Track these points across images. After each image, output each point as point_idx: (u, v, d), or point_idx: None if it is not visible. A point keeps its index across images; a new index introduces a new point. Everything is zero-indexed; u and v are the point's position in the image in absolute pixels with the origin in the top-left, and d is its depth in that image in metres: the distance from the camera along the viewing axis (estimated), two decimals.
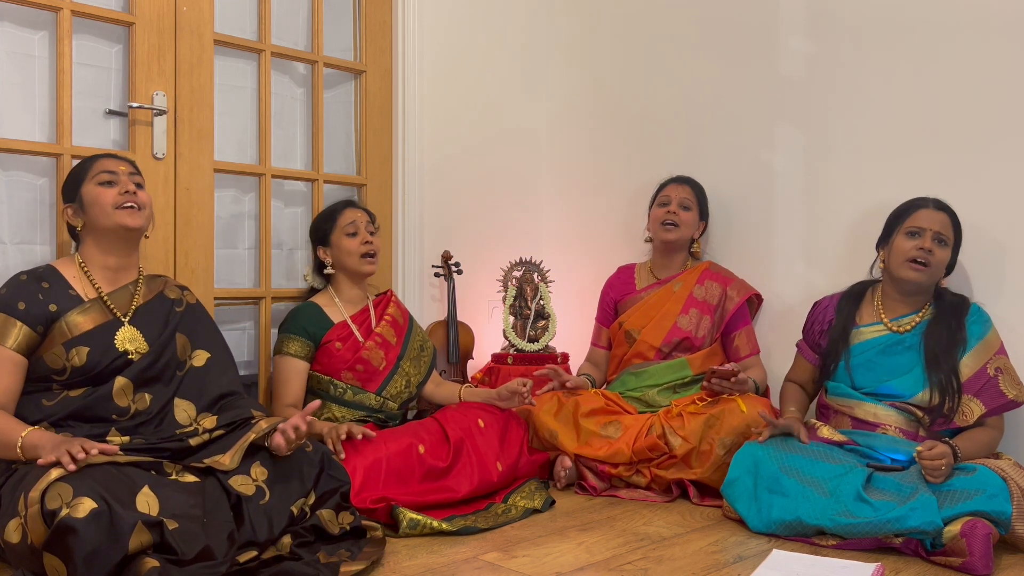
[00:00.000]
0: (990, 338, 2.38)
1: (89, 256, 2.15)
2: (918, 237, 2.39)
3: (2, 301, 2.01)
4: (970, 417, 2.31)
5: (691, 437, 2.57)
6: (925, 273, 2.38)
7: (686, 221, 2.95)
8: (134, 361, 2.09)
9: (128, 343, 2.10)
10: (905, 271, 2.40)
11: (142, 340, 2.12)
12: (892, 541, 2.09)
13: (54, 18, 2.47)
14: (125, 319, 2.13)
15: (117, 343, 2.08)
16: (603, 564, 2.03)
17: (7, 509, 1.76)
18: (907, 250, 2.39)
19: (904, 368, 2.40)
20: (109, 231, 2.13)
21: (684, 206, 2.96)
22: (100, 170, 2.13)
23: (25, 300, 2.01)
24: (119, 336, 2.09)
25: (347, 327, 2.70)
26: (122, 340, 2.09)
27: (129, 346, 2.10)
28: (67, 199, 2.18)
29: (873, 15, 2.81)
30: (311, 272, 2.86)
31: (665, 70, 3.35)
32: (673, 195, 2.97)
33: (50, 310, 2.03)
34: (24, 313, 2.00)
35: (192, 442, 2.02)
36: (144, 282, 2.21)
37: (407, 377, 2.76)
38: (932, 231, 2.38)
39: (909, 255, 2.38)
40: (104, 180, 2.12)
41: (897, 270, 2.42)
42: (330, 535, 2.00)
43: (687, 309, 2.91)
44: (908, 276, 2.40)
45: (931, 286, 2.44)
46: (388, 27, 3.21)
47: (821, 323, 2.59)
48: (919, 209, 2.43)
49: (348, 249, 2.71)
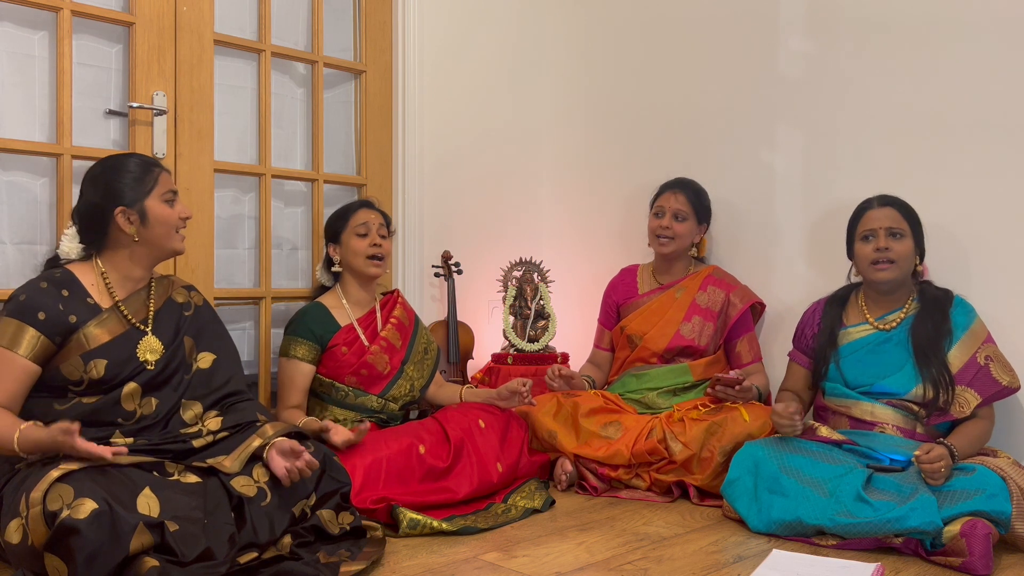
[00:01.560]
0: (975, 327, 2.39)
1: (117, 264, 2.10)
2: (872, 239, 2.44)
3: (22, 308, 1.97)
4: (966, 408, 2.32)
5: (692, 443, 2.56)
6: (891, 270, 2.42)
7: (681, 232, 2.91)
8: (148, 369, 2.08)
9: (149, 353, 2.08)
10: (872, 274, 2.45)
11: (162, 348, 2.10)
12: (892, 541, 2.09)
13: (54, 18, 2.47)
14: (147, 328, 2.10)
15: (139, 354, 2.06)
16: (603, 564, 2.03)
17: (8, 510, 1.76)
18: (867, 255, 2.45)
19: (895, 365, 2.41)
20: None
21: (679, 217, 2.91)
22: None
23: (46, 310, 1.97)
24: (142, 346, 2.07)
25: (353, 331, 2.69)
26: (144, 350, 2.07)
27: (150, 356, 2.08)
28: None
29: (873, 15, 2.81)
30: (320, 268, 2.84)
31: (665, 70, 3.35)
32: (667, 206, 2.93)
33: (69, 321, 1.99)
34: (44, 324, 1.96)
35: (195, 443, 2.02)
36: (156, 285, 2.18)
37: (411, 381, 2.75)
38: (884, 228, 2.42)
39: (869, 259, 2.44)
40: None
41: (866, 275, 2.48)
42: (330, 535, 2.00)
43: (690, 316, 2.89)
44: (877, 278, 2.44)
45: (906, 279, 2.46)
46: (388, 27, 3.21)
47: (811, 327, 2.60)
48: (865, 212, 2.49)
49: (356, 249, 2.70)
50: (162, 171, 2.14)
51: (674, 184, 2.99)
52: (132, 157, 2.15)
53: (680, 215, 2.92)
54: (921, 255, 2.48)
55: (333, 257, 2.76)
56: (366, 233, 2.70)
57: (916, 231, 2.46)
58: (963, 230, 2.62)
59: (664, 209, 2.94)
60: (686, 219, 2.92)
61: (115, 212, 2.06)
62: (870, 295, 2.52)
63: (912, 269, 2.46)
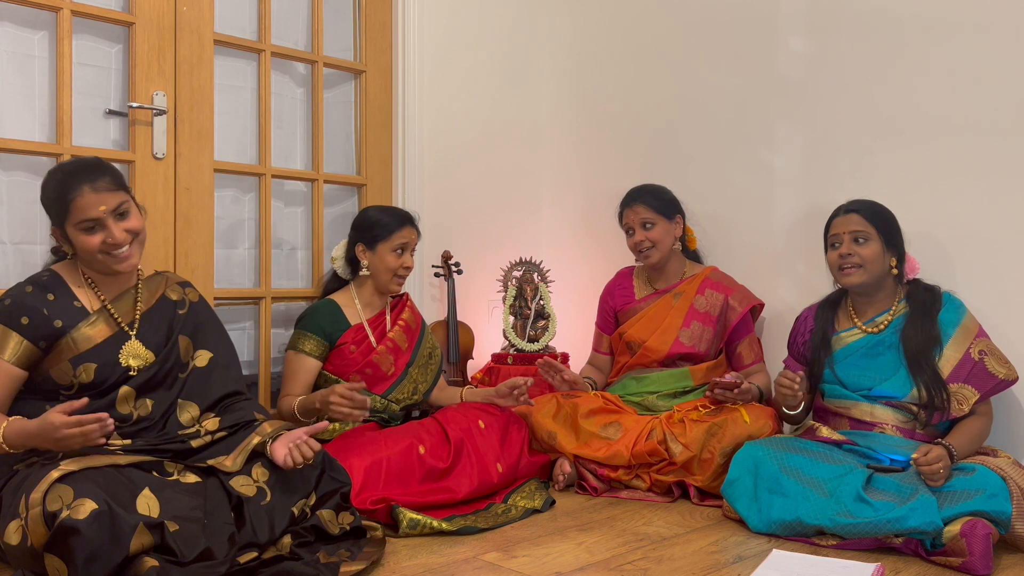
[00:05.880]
0: (966, 323, 2.39)
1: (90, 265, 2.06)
2: (838, 246, 2.47)
3: (5, 313, 1.95)
4: (965, 405, 2.32)
5: (692, 445, 2.55)
6: (857, 274, 2.43)
7: (656, 238, 2.87)
8: (139, 372, 2.07)
9: (132, 359, 2.05)
10: (842, 279, 2.48)
11: (146, 353, 2.08)
12: (892, 541, 2.09)
13: (54, 18, 2.47)
14: (132, 331, 2.08)
15: (122, 359, 2.04)
16: (603, 564, 2.03)
17: (8, 511, 1.76)
18: (833, 262, 2.49)
19: (890, 370, 2.41)
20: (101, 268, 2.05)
21: (647, 225, 2.88)
22: (82, 218, 1.96)
23: (29, 315, 1.95)
24: (124, 351, 2.05)
25: (363, 330, 2.69)
26: (126, 356, 2.05)
27: (133, 362, 2.05)
28: (54, 222, 2.02)
29: (873, 15, 2.81)
30: (342, 261, 2.78)
31: (665, 69, 3.35)
32: (631, 221, 2.90)
33: (55, 326, 1.98)
34: (27, 328, 1.95)
35: (194, 444, 2.02)
36: (144, 286, 2.15)
37: (414, 383, 2.75)
38: (847, 233, 2.44)
39: (835, 265, 2.48)
40: (87, 227, 1.96)
41: (837, 279, 2.51)
42: (330, 535, 2.00)
43: (688, 322, 2.88)
44: (844, 282, 2.47)
45: (881, 281, 2.46)
46: (388, 27, 3.21)
47: (803, 334, 2.61)
48: (832, 220, 2.52)
49: (389, 264, 2.68)
50: (80, 196, 1.94)
51: (627, 200, 2.95)
52: (64, 175, 1.99)
53: (647, 223, 2.88)
54: (898, 256, 2.47)
55: (361, 260, 2.72)
56: (402, 252, 2.70)
57: (886, 233, 2.44)
58: (963, 230, 2.62)
59: (630, 225, 2.92)
60: (654, 224, 2.88)
61: (52, 231, 2.04)
62: (855, 299, 2.54)
63: (886, 271, 2.45)
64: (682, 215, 2.97)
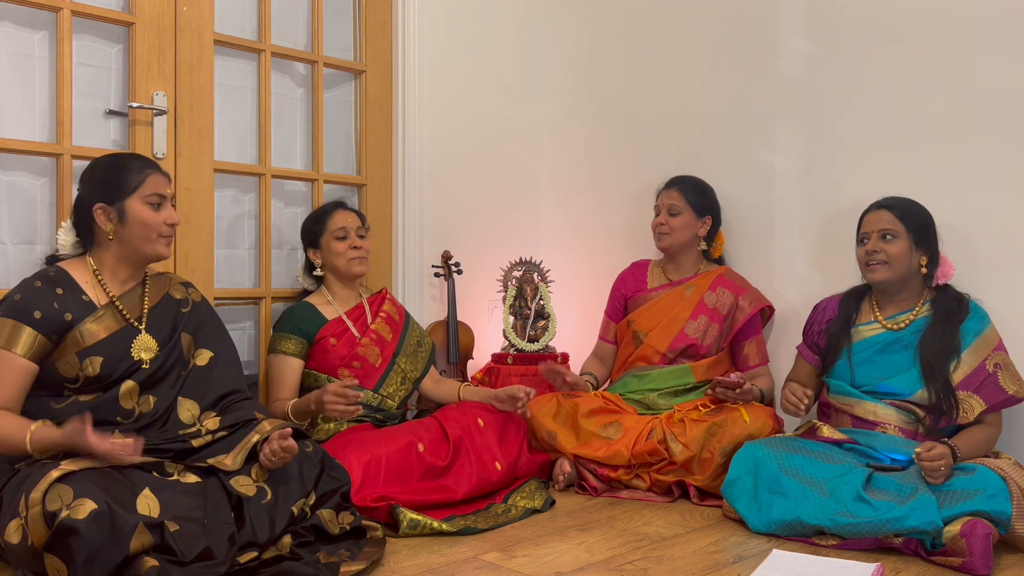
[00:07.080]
0: (988, 334, 2.39)
1: (105, 261, 2.10)
2: (866, 242, 2.48)
3: (17, 308, 1.96)
4: (971, 414, 2.32)
5: (692, 444, 2.56)
6: (882, 271, 2.44)
7: (676, 226, 2.93)
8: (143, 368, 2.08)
9: (143, 352, 2.07)
10: (867, 275, 2.50)
11: (156, 346, 2.10)
12: (892, 541, 2.09)
13: (54, 18, 2.47)
14: (141, 326, 2.10)
15: (133, 352, 2.06)
16: (603, 564, 2.03)
17: (8, 510, 1.76)
18: (860, 257, 2.51)
19: (902, 367, 2.41)
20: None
21: (673, 212, 2.93)
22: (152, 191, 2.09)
23: (41, 309, 1.97)
24: (136, 344, 2.07)
25: (342, 323, 2.71)
26: (138, 349, 2.07)
27: (144, 355, 2.07)
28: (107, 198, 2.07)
29: (873, 15, 2.81)
30: (301, 273, 2.86)
31: (665, 70, 3.35)
32: (662, 203, 2.98)
33: (65, 319, 1.99)
34: (40, 322, 1.96)
35: (195, 443, 2.02)
36: (151, 283, 2.18)
37: (403, 373, 2.76)
38: (876, 231, 2.46)
39: (862, 260, 2.50)
40: (154, 203, 2.09)
41: (863, 275, 2.52)
42: (330, 535, 2.00)
43: (696, 315, 2.89)
44: (871, 279, 2.49)
45: (907, 280, 2.46)
46: (388, 27, 3.22)
47: (820, 323, 2.60)
48: (864, 216, 2.53)
49: (337, 251, 2.73)
50: (153, 173, 2.10)
51: (669, 182, 3.02)
52: (129, 156, 2.15)
53: (674, 210, 2.94)
54: (930, 256, 2.46)
55: (314, 261, 2.78)
56: (345, 236, 2.73)
57: (917, 232, 2.45)
58: (963, 229, 2.62)
59: (660, 207, 2.98)
60: (680, 213, 2.94)
61: (94, 208, 2.06)
62: (879, 295, 2.54)
63: (914, 269, 2.45)
64: (714, 219, 3.00)
